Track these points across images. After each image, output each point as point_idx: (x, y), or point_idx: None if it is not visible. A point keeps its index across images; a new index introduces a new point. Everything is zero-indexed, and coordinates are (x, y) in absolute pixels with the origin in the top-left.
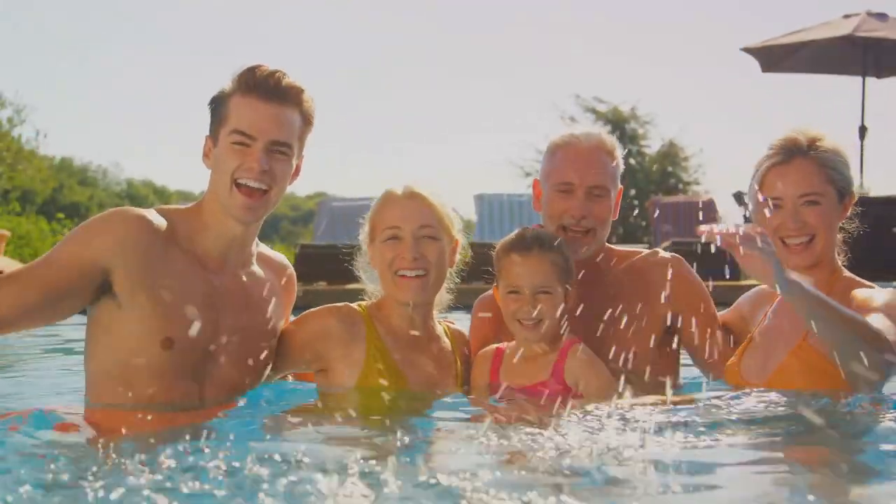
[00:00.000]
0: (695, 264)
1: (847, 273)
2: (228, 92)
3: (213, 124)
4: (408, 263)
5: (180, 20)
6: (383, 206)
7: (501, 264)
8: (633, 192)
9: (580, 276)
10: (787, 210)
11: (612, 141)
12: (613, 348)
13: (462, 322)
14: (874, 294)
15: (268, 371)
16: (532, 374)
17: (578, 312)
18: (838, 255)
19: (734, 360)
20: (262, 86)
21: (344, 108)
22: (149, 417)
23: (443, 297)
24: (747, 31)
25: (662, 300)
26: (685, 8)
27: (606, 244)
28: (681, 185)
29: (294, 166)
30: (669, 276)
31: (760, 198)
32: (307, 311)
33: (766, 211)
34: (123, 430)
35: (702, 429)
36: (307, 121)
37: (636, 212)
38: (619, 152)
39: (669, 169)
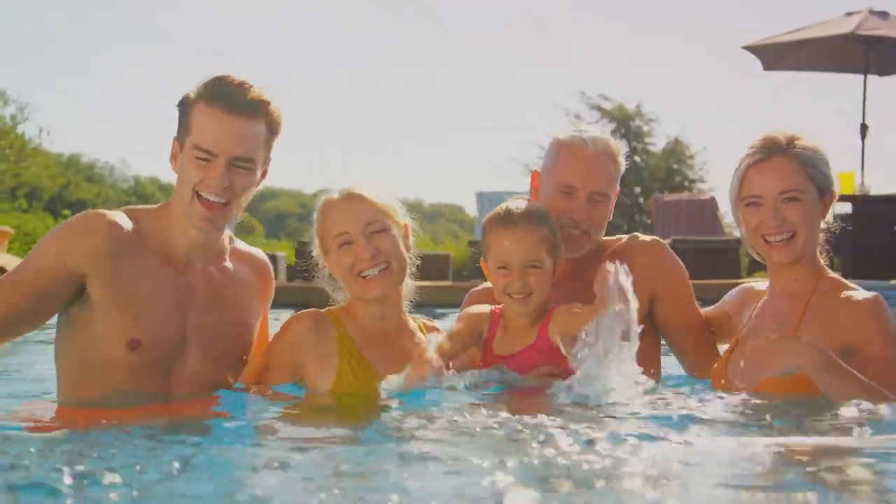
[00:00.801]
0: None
1: (831, 273)
2: (193, 99)
3: (180, 129)
4: (367, 263)
5: (180, 20)
6: (326, 217)
7: (489, 239)
8: (637, 189)
9: (569, 270)
10: (768, 207)
11: (617, 145)
12: None
13: None
14: (874, 333)
15: (241, 366)
16: (520, 341)
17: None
18: (821, 254)
19: (721, 363)
20: (227, 97)
21: (344, 108)
22: (116, 413)
23: (408, 285)
24: (748, 30)
25: (640, 284)
26: (685, 8)
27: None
28: (686, 183)
29: (258, 175)
30: (647, 260)
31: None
32: (280, 333)
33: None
34: (88, 426)
35: (687, 429)
36: (274, 130)
37: (640, 210)
38: (623, 156)
39: (675, 166)
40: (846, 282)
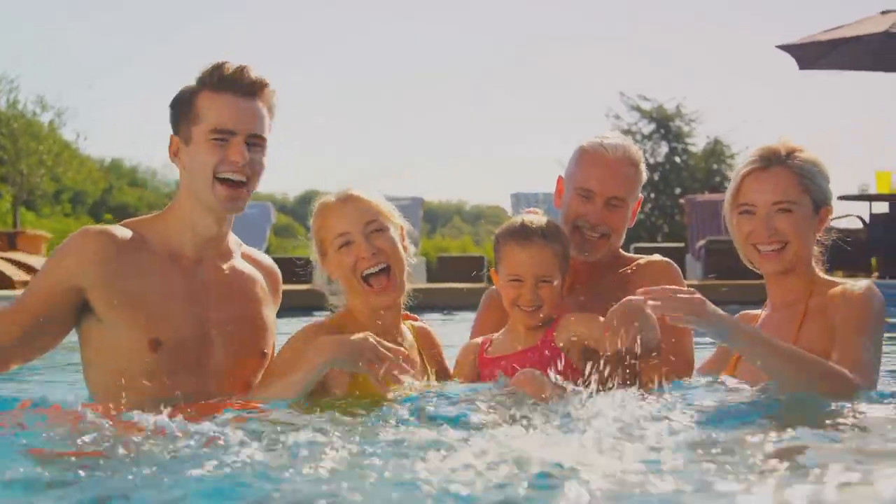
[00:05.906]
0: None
1: (825, 277)
2: (195, 90)
3: (182, 123)
4: (369, 262)
5: (199, 26)
6: (325, 219)
7: (503, 251)
8: (678, 190)
9: (584, 273)
10: (760, 217)
11: (637, 153)
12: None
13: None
14: (851, 307)
15: (263, 360)
16: (521, 342)
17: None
18: (816, 264)
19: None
20: (233, 82)
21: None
22: (148, 413)
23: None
24: (794, 28)
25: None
26: (728, 7)
27: (620, 250)
28: (726, 184)
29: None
30: (654, 279)
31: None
32: (288, 341)
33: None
34: (121, 426)
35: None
36: (272, 113)
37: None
38: (644, 164)
39: (715, 167)
40: (839, 280)
